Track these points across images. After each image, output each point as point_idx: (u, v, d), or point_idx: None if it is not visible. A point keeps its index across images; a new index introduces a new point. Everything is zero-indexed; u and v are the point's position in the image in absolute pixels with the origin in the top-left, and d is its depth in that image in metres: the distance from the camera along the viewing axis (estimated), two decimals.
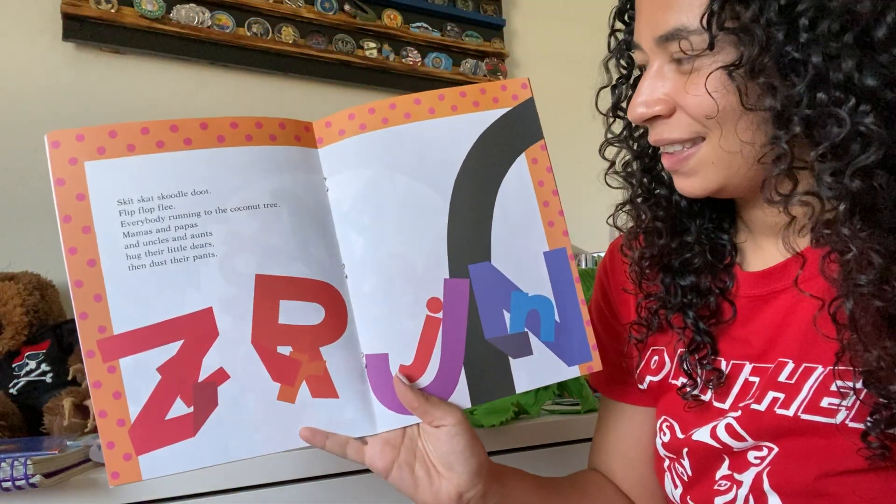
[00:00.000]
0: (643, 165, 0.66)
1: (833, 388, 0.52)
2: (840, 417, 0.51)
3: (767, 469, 0.55)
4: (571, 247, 0.65)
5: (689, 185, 0.58)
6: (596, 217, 1.82)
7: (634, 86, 0.65)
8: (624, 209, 0.69)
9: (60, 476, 0.67)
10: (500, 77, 1.68)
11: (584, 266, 1.41)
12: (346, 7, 1.51)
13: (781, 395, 0.55)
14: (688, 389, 0.62)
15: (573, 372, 0.62)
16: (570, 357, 0.62)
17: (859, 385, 0.50)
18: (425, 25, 1.60)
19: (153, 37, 1.32)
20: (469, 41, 1.65)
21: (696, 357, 0.61)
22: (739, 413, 0.58)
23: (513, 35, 1.79)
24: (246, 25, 1.40)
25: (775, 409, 0.55)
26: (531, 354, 0.61)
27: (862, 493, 0.51)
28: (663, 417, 0.66)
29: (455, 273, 0.60)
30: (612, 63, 0.67)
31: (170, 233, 0.54)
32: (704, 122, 0.54)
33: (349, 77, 1.51)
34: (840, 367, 0.51)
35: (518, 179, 0.63)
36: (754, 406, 0.57)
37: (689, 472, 0.62)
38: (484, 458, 0.59)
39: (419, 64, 1.58)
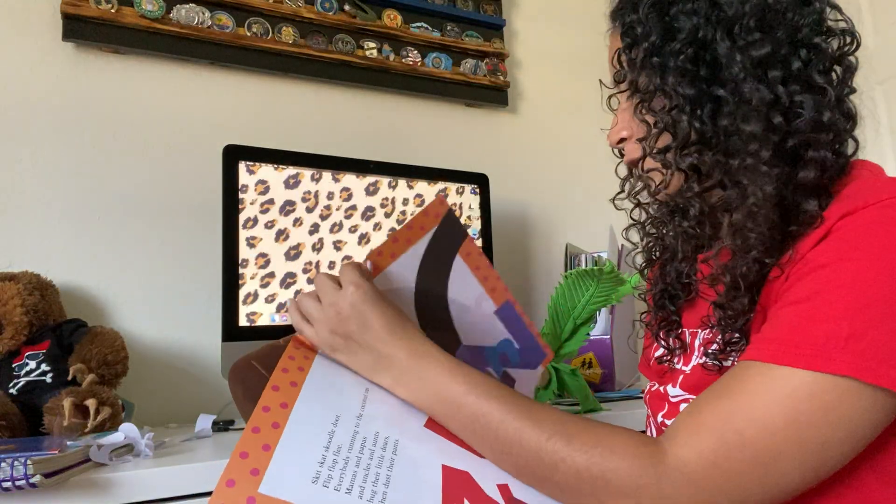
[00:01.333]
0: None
1: (717, 342, 0.65)
2: (706, 358, 0.66)
3: None
4: (509, 292, 0.81)
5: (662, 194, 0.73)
6: (595, 218, 1.83)
7: None
8: (628, 198, 0.79)
9: (60, 476, 0.67)
10: (501, 78, 1.68)
11: (584, 266, 1.41)
12: (346, 7, 1.51)
13: (701, 350, 0.69)
14: (665, 357, 0.75)
15: (540, 369, 0.82)
16: (535, 362, 0.81)
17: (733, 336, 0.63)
18: (425, 25, 1.60)
19: (153, 37, 1.32)
20: (469, 41, 1.65)
21: (666, 331, 0.75)
22: (689, 371, 0.70)
23: (513, 35, 1.79)
24: (246, 25, 1.40)
25: (697, 361, 0.69)
26: (515, 381, 0.78)
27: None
28: (652, 382, 0.79)
29: None
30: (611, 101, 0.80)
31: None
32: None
33: (349, 77, 1.51)
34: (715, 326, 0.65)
35: (460, 276, 0.76)
36: (687, 366, 0.70)
37: (653, 420, 0.75)
38: None
39: (419, 64, 1.58)
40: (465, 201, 1.36)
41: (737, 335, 0.63)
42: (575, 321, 1.02)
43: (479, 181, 1.39)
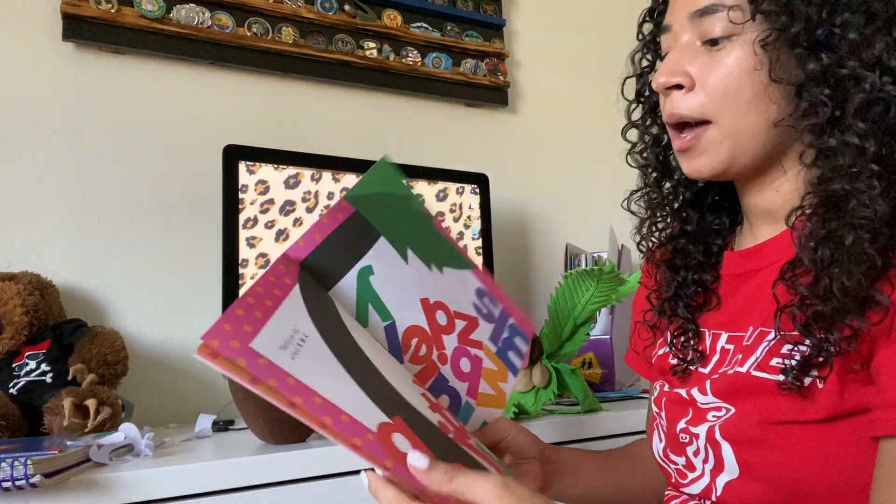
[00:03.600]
0: (656, 155, 0.73)
1: (784, 350, 0.57)
2: (783, 375, 0.56)
3: (719, 425, 0.61)
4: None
5: (697, 165, 0.63)
6: (595, 218, 1.83)
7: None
8: (637, 198, 0.76)
9: (60, 476, 0.67)
10: (501, 78, 1.68)
11: (584, 266, 1.41)
12: (346, 7, 1.51)
13: (740, 356, 0.62)
14: (679, 368, 0.69)
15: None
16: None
17: (803, 347, 0.55)
18: (425, 25, 1.60)
19: (153, 37, 1.32)
20: (469, 41, 1.65)
21: (681, 341, 0.69)
22: (717, 377, 0.64)
23: (513, 35, 1.79)
24: (246, 25, 1.40)
25: (735, 367, 0.62)
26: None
27: (802, 445, 0.55)
28: (658, 380, 0.74)
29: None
30: (637, 56, 0.73)
31: None
32: (718, 102, 0.60)
33: (349, 77, 1.51)
34: (792, 334, 0.56)
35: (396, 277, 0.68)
36: (724, 370, 0.63)
37: (665, 423, 0.69)
38: (540, 440, 0.73)
39: (419, 64, 1.58)
40: (465, 201, 1.36)
41: (822, 356, 0.54)
42: (575, 321, 1.02)
43: (479, 181, 1.39)
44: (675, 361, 0.70)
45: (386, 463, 0.49)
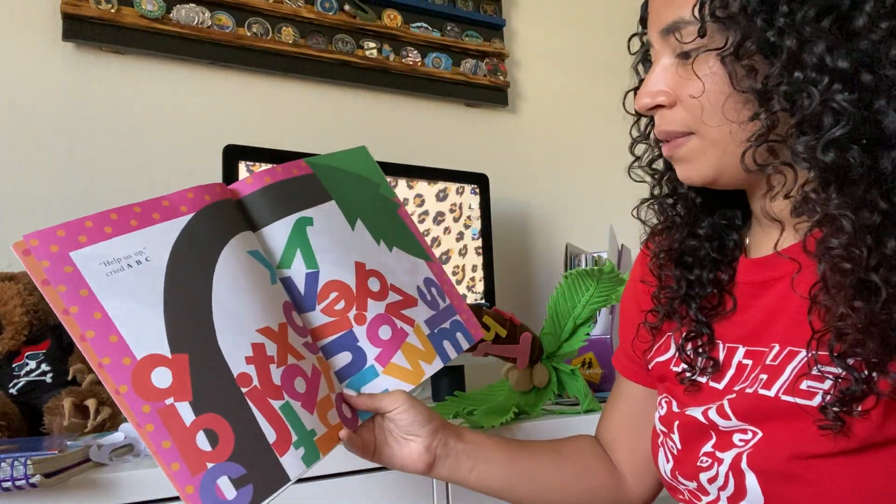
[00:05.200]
0: (666, 163, 0.72)
1: (815, 371, 0.54)
2: (817, 400, 0.53)
3: (748, 452, 0.57)
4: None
5: (686, 172, 0.64)
6: (595, 218, 1.83)
7: None
8: (647, 204, 0.74)
9: (60, 476, 0.67)
10: (501, 78, 1.68)
11: (584, 266, 1.41)
12: (346, 7, 1.51)
13: (765, 377, 0.58)
14: (686, 375, 0.66)
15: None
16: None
17: (838, 370, 0.52)
18: (425, 25, 1.60)
19: (153, 37, 1.32)
20: (469, 41, 1.65)
21: (694, 345, 0.66)
22: (734, 395, 0.60)
23: (513, 35, 1.79)
24: (246, 25, 1.40)
25: (758, 389, 0.58)
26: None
27: (835, 479, 0.52)
28: (664, 395, 0.70)
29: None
30: (639, 67, 0.72)
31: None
32: (697, 116, 0.60)
33: (349, 77, 1.51)
34: (821, 353, 0.53)
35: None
36: (746, 389, 0.59)
37: (679, 446, 0.65)
38: (439, 420, 0.71)
39: (419, 64, 1.58)
40: (465, 201, 1.36)
41: (864, 386, 0.51)
42: (575, 321, 1.02)
43: (479, 181, 1.39)
44: (680, 368, 0.67)
45: (144, 408, 0.51)
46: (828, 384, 0.53)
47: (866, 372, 0.51)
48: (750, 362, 0.61)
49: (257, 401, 0.57)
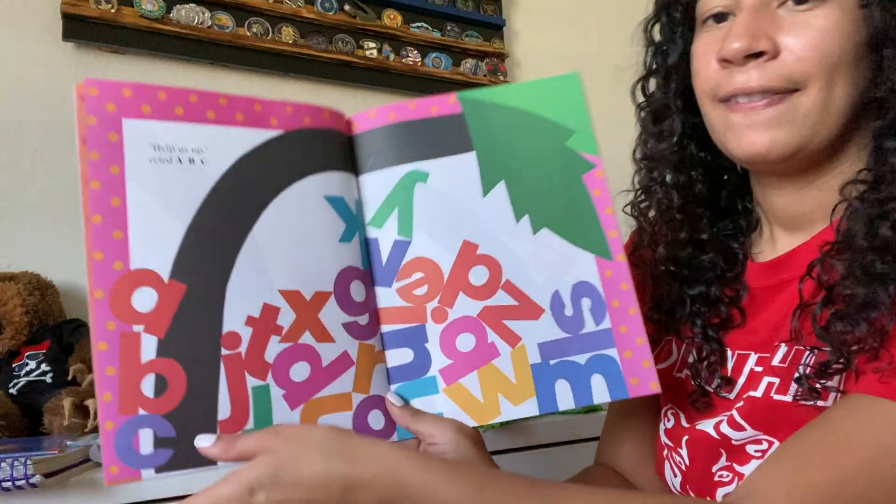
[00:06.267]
0: (673, 145, 0.64)
1: (811, 360, 0.51)
2: (832, 399, 0.50)
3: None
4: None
5: (772, 138, 0.53)
6: None
7: (684, 44, 0.62)
8: (640, 199, 0.67)
9: (60, 476, 0.67)
10: (501, 78, 1.68)
11: None
12: (346, 7, 1.51)
13: (777, 380, 0.54)
14: (696, 396, 0.60)
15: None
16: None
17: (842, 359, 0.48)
18: (425, 25, 1.60)
19: (153, 37, 1.32)
20: (469, 41, 1.65)
21: (706, 364, 0.60)
22: (742, 403, 0.56)
23: (513, 35, 1.79)
24: (246, 25, 1.40)
25: (772, 394, 0.54)
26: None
27: None
28: (669, 405, 0.65)
29: None
30: (659, 25, 0.64)
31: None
32: (810, 69, 0.52)
33: (349, 77, 1.51)
34: (825, 349, 0.50)
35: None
36: (752, 393, 0.56)
37: (687, 462, 0.61)
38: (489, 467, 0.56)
39: (419, 64, 1.58)
40: None
41: (842, 360, 0.48)
42: None
43: None
44: (683, 374, 0.63)
45: (108, 325, 0.45)
46: (836, 380, 0.50)
47: (853, 348, 0.47)
48: (761, 369, 0.57)
49: (232, 370, 0.48)
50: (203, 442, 0.46)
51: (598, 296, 0.56)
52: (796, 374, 0.51)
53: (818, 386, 0.49)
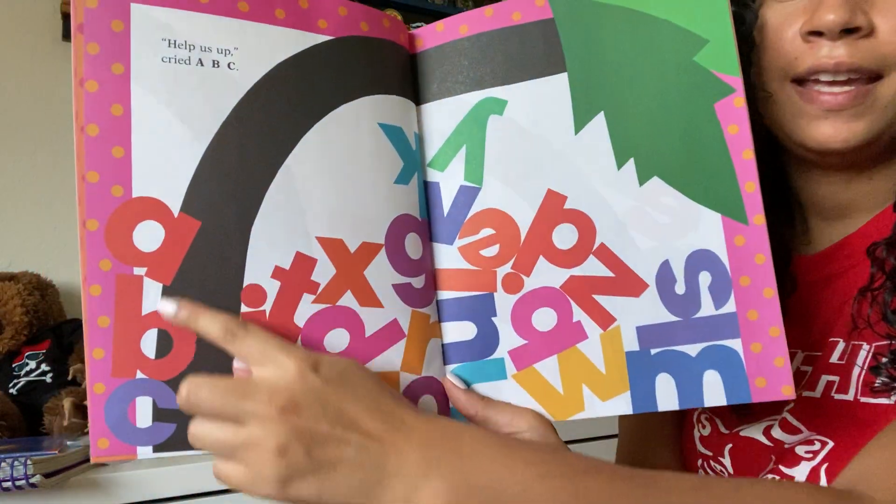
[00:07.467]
0: None
1: (884, 359, 0.47)
2: (874, 374, 0.46)
3: (825, 465, 0.50)
4: None
5: (853, 129, 0.49)
6: None
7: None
8: None
9: (60, 476, 0.67)
10: None
11: None
12: None
13: (836, 378, 0.50)
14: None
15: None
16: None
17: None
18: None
19: None
20: None
21: None
22: (792, 405, 0.52)
23: None
24: None
25: (832, 394, 0.50)
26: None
27: None
28: (702, 411, 0.61)
29: None
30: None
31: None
32: None
33: None
34: (884, 343, 0.46)
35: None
36: (807, 393, 0.51)
37: (730, 470, 0.56)
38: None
39: None
40: None
41: None
42: None
43: None
44: None
45: (103, 263, 0.36)
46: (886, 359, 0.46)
47: None
48: (809, 369, 0.52)
49: (265, 324, 0.39)
50: (168, 307, 0.37)
51: (722, 269, 0.42)
52: (873, 366, 0.46)
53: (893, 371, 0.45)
